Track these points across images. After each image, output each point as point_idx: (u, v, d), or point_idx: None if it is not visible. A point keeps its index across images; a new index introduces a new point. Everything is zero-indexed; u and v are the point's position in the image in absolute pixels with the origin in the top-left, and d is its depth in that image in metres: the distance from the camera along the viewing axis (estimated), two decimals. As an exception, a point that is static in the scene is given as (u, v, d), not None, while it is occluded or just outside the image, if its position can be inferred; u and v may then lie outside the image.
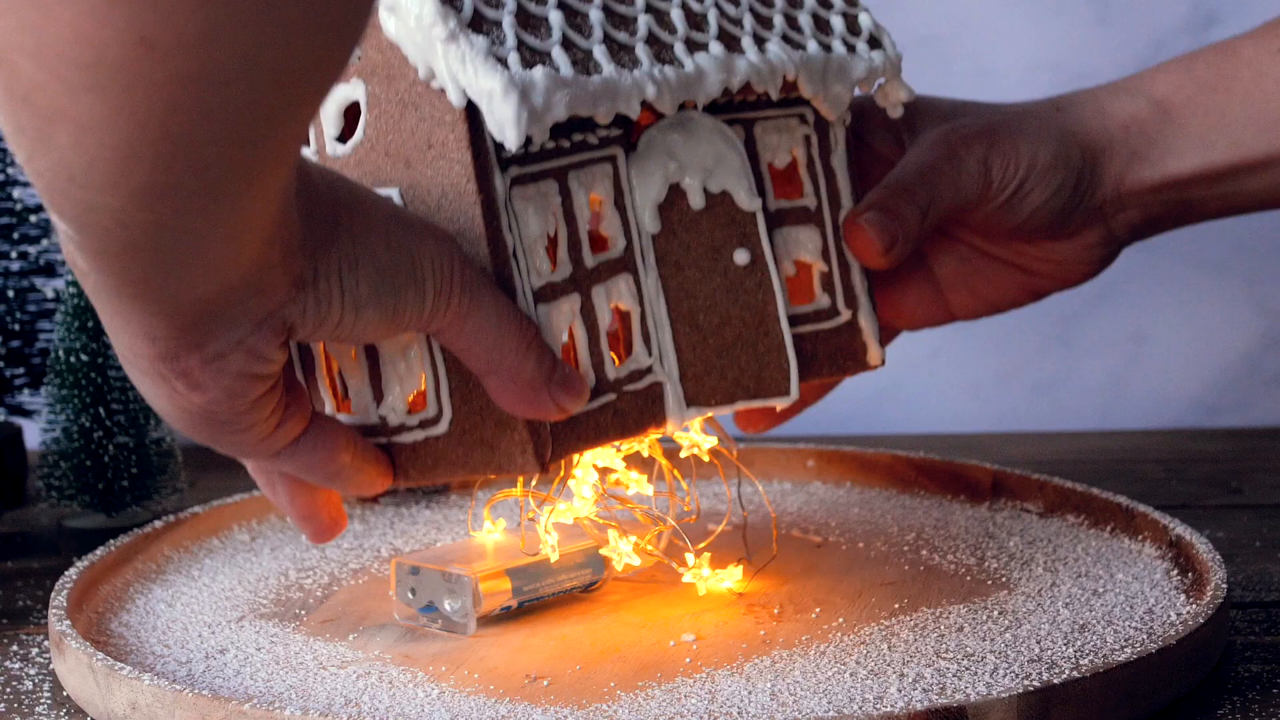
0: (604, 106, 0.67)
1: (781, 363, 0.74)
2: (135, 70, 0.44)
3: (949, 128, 0.81)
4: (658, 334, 0.71)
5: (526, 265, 0.66)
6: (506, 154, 0.66)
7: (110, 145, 0.46)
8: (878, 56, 0.78)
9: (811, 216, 0.77)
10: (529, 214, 0.67)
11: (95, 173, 0.47)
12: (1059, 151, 0.81)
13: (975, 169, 0.80)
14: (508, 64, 0.64)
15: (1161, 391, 1.28)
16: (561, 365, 0.66)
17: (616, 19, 0.69)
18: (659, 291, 0.71)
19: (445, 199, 0.66)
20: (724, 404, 0.73)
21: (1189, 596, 0.75)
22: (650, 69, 0.68)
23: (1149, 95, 0.83)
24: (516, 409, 0.65)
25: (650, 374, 0.71)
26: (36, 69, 0.44)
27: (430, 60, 0.64)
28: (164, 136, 0.46)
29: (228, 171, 0.49)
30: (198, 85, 0.45)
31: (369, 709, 0.65)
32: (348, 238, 0.60)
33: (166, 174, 0.47)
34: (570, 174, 0.69)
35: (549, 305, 0.67)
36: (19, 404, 1.05)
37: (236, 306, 0.57)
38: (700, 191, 0.72)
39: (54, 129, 0.46)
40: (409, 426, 0.68)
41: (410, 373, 0.68)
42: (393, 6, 0.65)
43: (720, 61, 0.71)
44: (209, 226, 0.51)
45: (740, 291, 0.73)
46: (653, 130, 0.71)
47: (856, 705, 0.64)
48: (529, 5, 0.67)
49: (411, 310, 0.62)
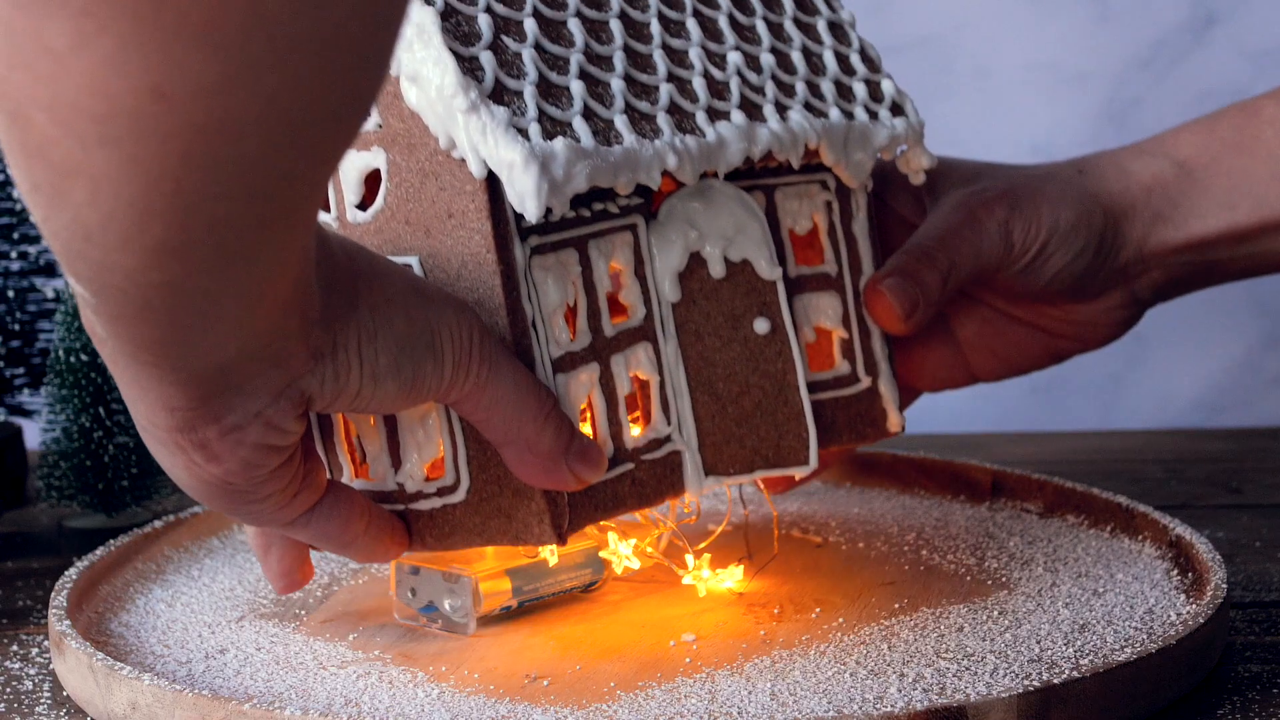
0: (625, 177, 0.66)
1: (800, 432, 0.74)
2: (148, 121, 0.44)
3: (970, 191, 0.81)
4: (677, 402, 0.71)
5: (545, 335, 0.66)
6: (526, 224, 0.66)
7: (125, 201, 0.46)
8: (900, 124, 0.78)
9: (832, 283, 0.77)
10: (548, 284, 0.67)
11: (110, 230, 0.47)
12: (1081, 214, 0.81)
13: (996, 233, 0.79)
14: (529, 135, 0.64)
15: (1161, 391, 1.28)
16: (579, 436, 0.66)
17: (638, 88, 0.69)
18: (678, 360, 0.71)
19: (465, 268, 0.65)
20: (742, 473, 0.73)
21: (1189, 596, 0.75)
22: (671, 138, 0.68)
23: (1172, 156, 0.83)
24: (534, 479, 0.65)
25: (669, 443, 0.71)
26: (51, 123, 0.44)
27: (451, 130, 0.64)
28: (177, 191, 0.46)
29: (242, 230, 0.49)
30: (210, 137, 0.45)
31: (369, 709, 0.65)
32: (367, 309, 0.60)
33: (182, 231, 0.47)
34: (590, 242, 0.68)
35: (567, 375, 0.67)
36: (19, 404, 1.05)
37: (255, 378, 0.56)
38: (721, 260, 0.72)
39: (69, 184, 0.46)
40: (426, 494, 0.68)
41: (429, 440, 0.68)
42: (414, 76, 0.64)
43: (742, 130, 0.71)
44: (224, 288, 0.51)
45: (760, 360, 0.73)
46: (674, 198, 0.71)
47: (856, 705, 0.64)
48: (550, 75, 0.67)
49: (430, 382, 0.62)
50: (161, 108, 0.43)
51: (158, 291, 0.49)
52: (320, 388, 0.59)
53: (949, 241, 0.79)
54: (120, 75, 0.43)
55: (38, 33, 0.43)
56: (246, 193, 0.47)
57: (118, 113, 0.44)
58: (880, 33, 0.80)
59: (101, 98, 0.43)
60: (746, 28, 0.76)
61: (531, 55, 0.67)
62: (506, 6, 0.68)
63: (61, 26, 0.42)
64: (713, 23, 0.75)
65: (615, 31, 0.70)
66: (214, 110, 0.44)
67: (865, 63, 0.79)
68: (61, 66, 0.43)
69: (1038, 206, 0.80)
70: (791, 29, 0.77)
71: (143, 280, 0.49)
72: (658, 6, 0.73)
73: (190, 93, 0.43)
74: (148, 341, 0.53)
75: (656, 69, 0.71)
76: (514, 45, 0.66)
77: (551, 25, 0.68)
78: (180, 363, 0.54)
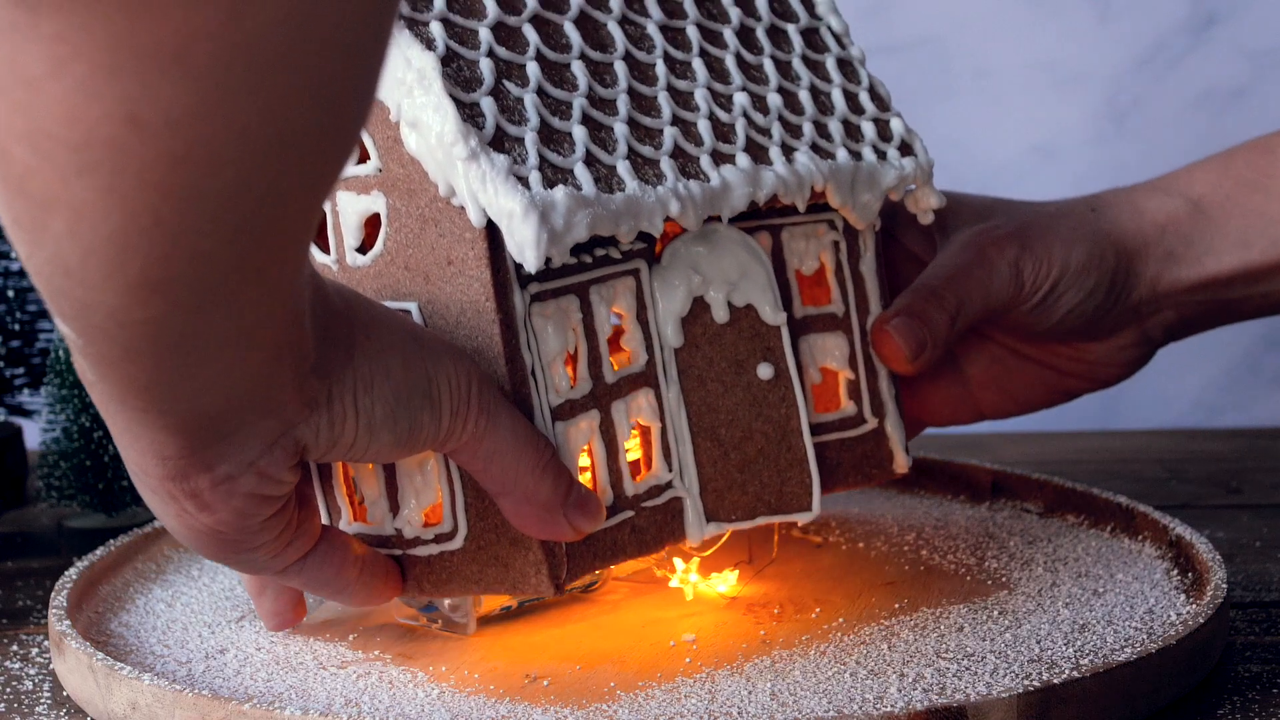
0: (626, 225, 0.66)
1: (803, 478, 0.73)
2: (124, 150, 0.43)
3: (981, 229, 0.80)
4: (678, 448, 0.71)
5: (545, 383, 0.66)
6: (526, 271, 0.65)
7: (104, 234, 0.45)
8: (909, 164, 0.77)
9: (839, 323, 0.77)
10: (548, 331, 0.66)
11: (90, 265, 0.46)
12: (1092, 253, 0.80)
13: (1007, 272, 0.79)
14: (529, 183, 0.63)
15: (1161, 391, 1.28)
16: (577, 487, 0.65)
17: (642, 131, 0.69)
18: (680, 405, 0.71)
19: (464, 316, 0.65)
20: (744, 519, 0.72)
21: (1189, 596, 0.75)
22: (674, 184, 0.68)
23: (1185, 194, 0.82)
24: (531, 530, 0.65)
25: (670, 489, 0.70)
26: (29, 153, 0.44)
27: (451, 178, 0.64)
28: (157, 224, 0.45)
29: (224, 266, 0.48)
30: (187, 167, 0.44)
31: (369, 709, 0.65)
32: (364, 359, 0.59)
33: (162, 266, 0.46)
34: (592, 288, 0.68)
35: (567, 423, 0.67)
36: (19, 404, 1.05)
37: (247, 427, 0.56)
38: (724, 305, 0.72)
39: (48, 217, 0.45)
40: (424, 540, 0.68)
41: (427, 486, 0.68)
42: (414, 122, 0.64)
43: (747, 175, 0.70)
44: (208, 328, 0.50)
45: (763, 406, 0.73)
46: (677, 242, 0.71)
47: (856, 705, 0.64)
48: (552, 120, 0.66)
49: (427, 432, 0.62)
50: (137, 136, 0.43)
51: (141, 330, 0.49)
52: (315, 438, 0.59)
53: (958, 281, 0.78)
54: (95, 102, 0.42)
55: (12, 59, 0.42)
56: (226, 227, 0.47)
57: (94, 141, 0.43)
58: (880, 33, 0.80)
59: (77, 125, 0.43)
60: (754, 66, 0.75)
61: (533, 100, 0.66)
62: (509, 50, 0.67)
63: (36, 52, 0.42)
64: (719, 62, 0.74)
65: (619, 74, 0.70)
66: (190, 139, 0.44)
67: (874, 101, 0.78)
68: (37, 94, 0.43)
69: (1049, 245, 0.79)
70: (800, 67, 0.77)
71: (125, 319, 0.48)
72: (663, 47, 0.72)
73: (165, 121, 0.43)
74: (135, 385, 0.52)
75: (661, 112, 0.70)
76: (516, 90, 0.66)
77: (554, 68, 0.68)
78: (169, 408, 0.53)
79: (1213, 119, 1.29)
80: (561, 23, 0.69)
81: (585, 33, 0.70)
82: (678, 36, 0.73)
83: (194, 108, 0.43)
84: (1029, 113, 1.29)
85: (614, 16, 0.71)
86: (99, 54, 0.42)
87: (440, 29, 0.65)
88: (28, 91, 0.43)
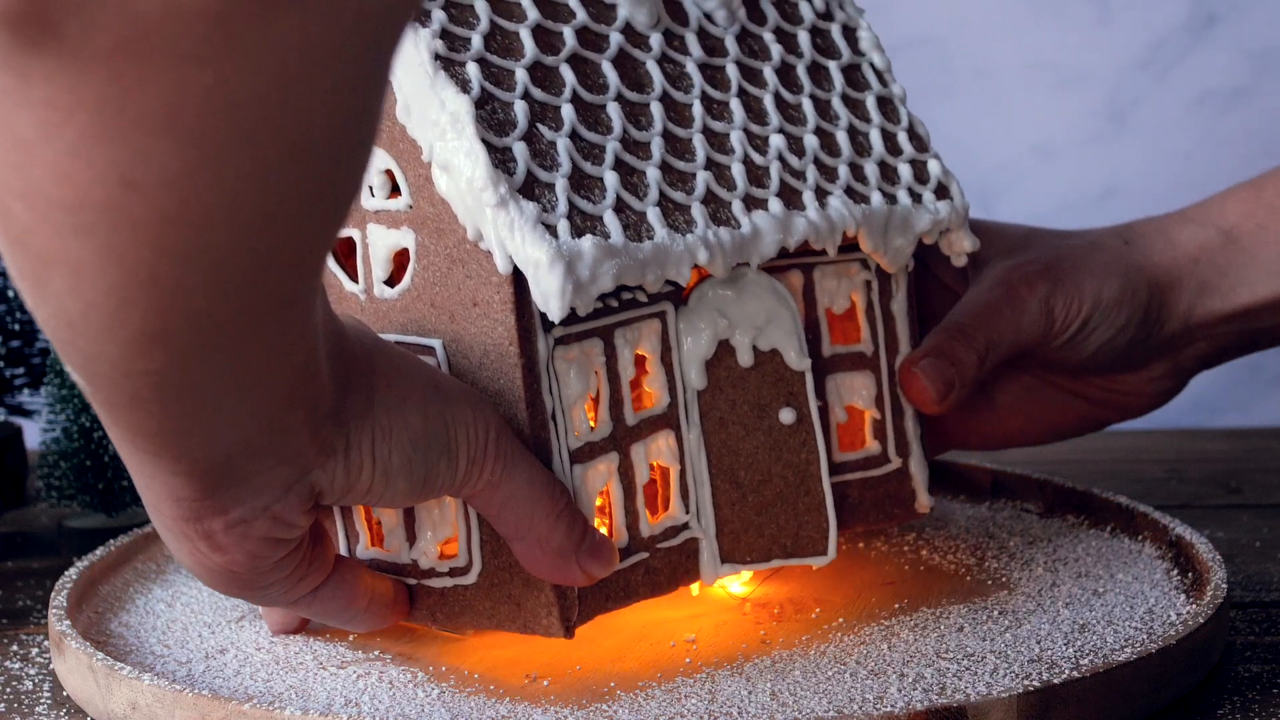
0: (653, 274, 0.66)
1: (820, 522, 0.73)
2: (118, 211, 0.43)
3: (1012, 265, 0.80)
4: (697, 490, 0.71)
5: (565, 426, 0.66)
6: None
7: (103, 290, 0.45)
8: (944, 207, 0.76)
9: (867, 362, 0.76)
10: (571, 375, 0.66)
11: (91, 319, 0.46)
12: (1125, 287, 0.80)
13: (1037, 310, 0.79)
14: (557, 232, 0.63)
15: (1161, 391, 1.27)
16: (591, 533, 0.65)
17: (674, 175, 0.69)
18: (700, 447, 0.70)
19: (487, 358, 0.65)
20: (759, 561, 0.72)
21: (1189, 596, 0.75)
22: (704, 232, 0.68)
23: (1218, 224, 0.82)
24: (543, 574, 0.65)
25: (686, 530, 0.70)
26: (26, 211, 0.44)
27: (479, 223, 0.64)
28: (154, 281, 0.45)
29: (223, 321, 0.48)
30: (180, 227, 0.44)
31: (369, 709, 0.65)
32: (384, 409, 0.59)
33: (161, 320, 0.47)
34: (617, 331, 0.68)
35: (585, 466, 0.66)
36: (19, 404, 1.05)
37: (262, 473, 0.56)
38: (749, 349, 0.71)
39: (49, 273, 0.46)
40: (439, 572, 0.68)
41: (444, 520, 0.68)
42: (445, 165, 0.64)
43: (778, 221, 0.70)
44: (212, 379, 0.50)
45: (784, 450, 0.72)
46: (705, 285, 0.70)
47: (856, 705, 0.64)
48: (584, 165, 0.66)
49: (443, 480, 0.62)
50: (131, 197, 0.43)
51: (144, 380, 0.49)
52: (330, 483, 0.59)
53: (987, 319, 0.78)
54: (87, 165, 0.43)
55: (7, 122, 0.43)
56: (222, 284, 0.47)
57: (88, 202, 0.43)
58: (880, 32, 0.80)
59: (71, 187, 0.43)
60: (792, 106, 0.74)
61: (566, 145, 0.66)
62: (544, 91, 0.67)
63: (28, 117, 0.42)
64: (757, 102, 0.73)
65: (655, 115, 0.69)
66: (182, 199, 0.44)
67: (913, 141, 0.77)
68: (31, 156, 0.43)
69: (1080, 281, 0.79)
70: (839, 106, 0.76)
71: (128, 369, 0.48)
72: (701, 86, 0.72)
73: (157, 182, 0.43)
74: (144, 432, 0.52)
75: (695, 155, 0.70)
76: (549, 134, 0.66)
77: (589, 110, 0.68)
78: (179, 453, 0.53)
79: (1213, 119, 1.29)
80: (600, 62, 0.69)
81: (623, 72, 0.70)
82: (716, 75, 0.73)
83: (185, 169, 0.43)
84: (1029, 113, 1.29)
85: (653, 55, 0.71)
86: (89, 118, 0.42)
87: (476, 70, 0.65)
88: (21, 153, 0.43)
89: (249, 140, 0.44)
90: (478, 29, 0.66)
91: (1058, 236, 0.83)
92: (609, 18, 0.71)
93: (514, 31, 0.67)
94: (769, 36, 0.75)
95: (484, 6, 0.67)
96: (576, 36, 0.69)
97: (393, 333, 0.68)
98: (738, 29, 0.74)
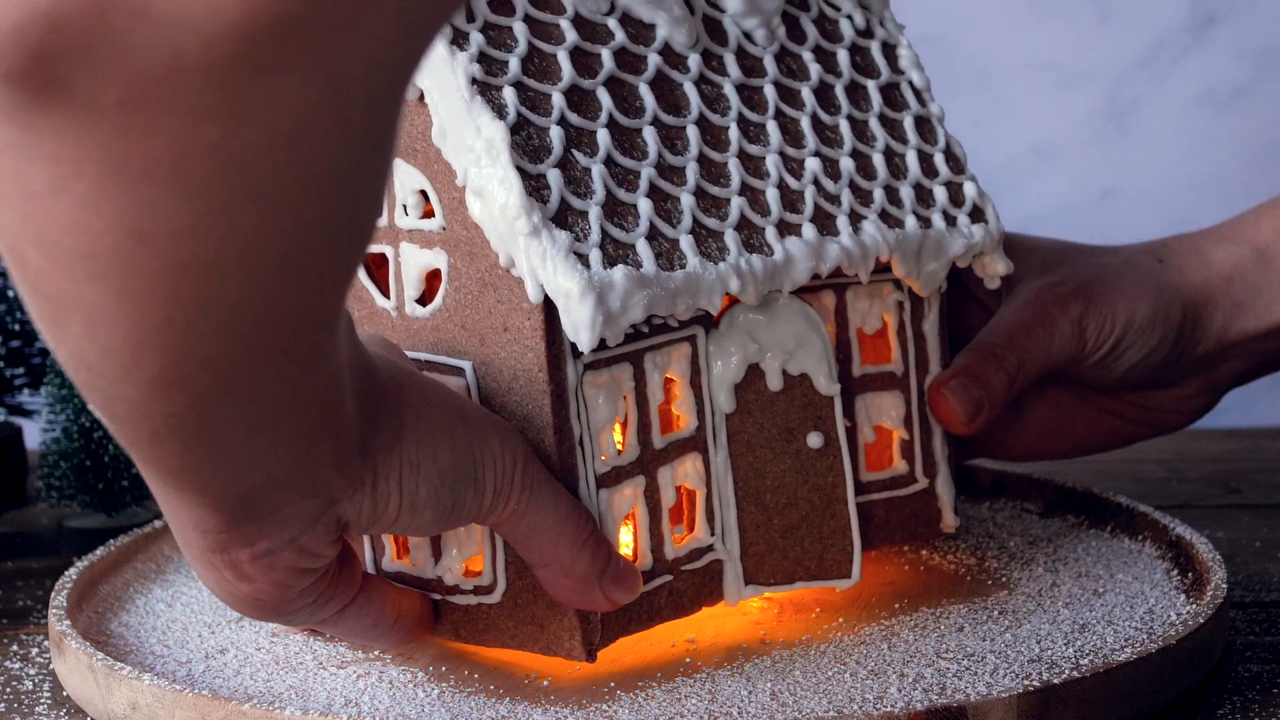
0: (684, 304, 0.65)
1: (845, 545, 0.73)
2: (130, 260, 0.44)
3: (1044, 284, 0.80)
4: (722, 512, 0.70)
5: (592, 451, 0.66)
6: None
7: (119, 335, 0.46)
8: (978, 231, 0.76)
9: (897, 382, 0.76)
10: (599, 401, 0.66)
11: (109, 363, 0.47)
12: (1158, 307, 0.80)
13: (1069, 331, 0.78)
14: (589, 262, 0.63)
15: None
16: (615, 560, 0.65)
17: (709, 201, 0.68)
18: (727, 469, 0.70)
19: (516, 382, 0.65)
20: (783, 583, 0.72)
21: (1189, 596, 0.75)
22: (737, 259, 0.67)
23: (1251, 243, 0.82)
24: (566, 600, 0.65)
25: (710, 552, 0.70)
26: (41, 258, 0.44)
27: (512, 250, 0.63)
28: (168, 326, 0.46)
29: (240, 365, 0.48)
30: (193, 276, 0.44)
31: (369, 709, 0.65)
32: (413, 442, 0.59)
33: (176, 366, 0.47)
34: (647, 355, 0.67)
35: (611, 490, 0.66)
36: (19, 404, 1.05)
37: (288, 507, 0.56)
38: (779, 373, 0.71)
39: (65, 317, 0.46)
40: (464, 590, 0.68)
41: (469, 539, 0.67)
42: (480, 191, 0.64)
43: (811, 247, 0.70)
44: (233, 420, 0.50)
45: (810, 474, 0.72)
46: (736, 310, 0.70)
47: (856, 705, 0.64)
48: (619, 192, 0.66)
49: (469, 510, 0.62)
50: (141, 248, 0.43)
51: (165, 422, 0.49)
52: (358, 515, 0.59)
53: (1018, 340, 0.78)
54: (97, 216, 0.43)
55: (18, 174, 0.43)
56: (238, 330, 0.47)
57: (100, 251, 0.44)
58: (880, 33, 0.80)
59: (83, 236, 0.43)
60: (829, 128, 0.74)
61: (601, 171, 0.66)
62: (580, 116, 0.66)
63: (38, 170, 0.43)
64: (794, 124, 0.73)
65: (691, 139, 0.69)
66: (194, 250, 0.44)
67: (950, 162, 0.77)
68: (42, 207, 0.43)
69: (1113, 302, 0.79)
70: (876, 127, 0.75)
71: (148, 410, 0.48)
72: (738, 108, 0.71)
73: (166, 233, 0.43)
74: (168, 468, 0.52)
75: (730, 179, 0.69)
76: (584, 160, 0.65)
77: (625, 134, 0.67)
78: (203, 488, 0.54)
79: (1213, 119, 1.29)
80: (637, 84, 0.69)
81: (660, 94, 0.69)
82: (754, 96, 0.72)
83: (194, 221, 0.43)
84: (1029, 113, 1.29)
85: (691, 76, 0.70)
86: (96, 171, 0.42)
87: (513, 95, 0.65)
88: (33, 204, 0.43)
89: (257, 193, 0.44)
90: (515, 52, 0.66)
91: (1091, 254, 0.83)
92: (647, 38, 0.70)
93: (551, 54, 0.67)
94: (808, 55, 0.75)
95: (522, 28, 0.67)
96: (614, 58, 0.68)
97: (423, 351, 0.68)
98: (777, 48, 0.74)
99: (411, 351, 0.68)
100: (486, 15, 0.66)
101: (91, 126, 0.42)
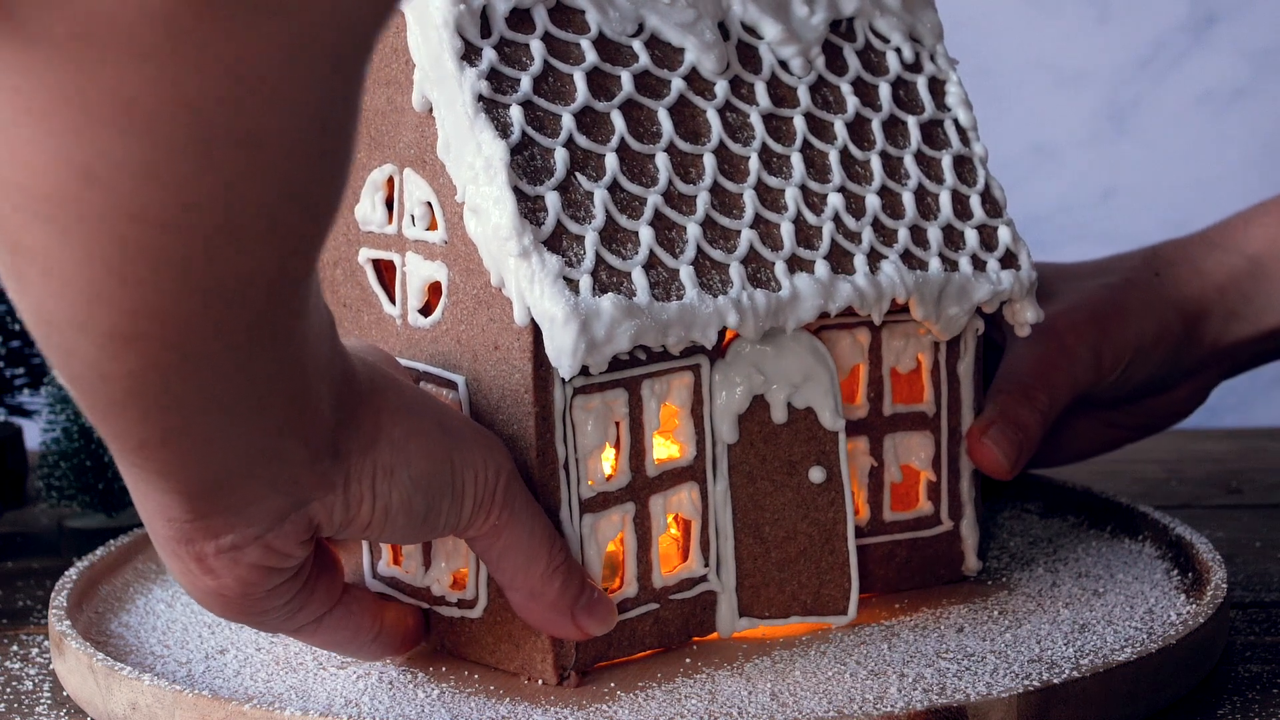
0: (676, 336, 0.65)
1: (843, 582, 0.72)
2: (81, 201, 0.44)
3: (1056, 313, 0.80)
4: (719, 542, 0.70)
5: (578, 475, 0.65)
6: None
7: (74, 286, 0.45)
8: (1007, 277, 0.73)
9: (928, 422, 0.75)
10: (588, 425, 0.65)
11: (64, 315, 0.46)
12: (1161, 326, 0.81)
13: (1089, 359, 0.79)
14: (578, 288, 0.63)
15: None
16: (589, 590, 0.65)
17: (716, 232, 0.67)
18: (726, 500, 0.69)
19: (503, 402, 0.65)
20: (778, 617, 0.71)
21: (1189, 596, 0.75)
22: (738, 294, 0.66)
23: (1243, 251, 0.83)
24: (538, 625, 0.65)
25: (703, 583, 0.70)
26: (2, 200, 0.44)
27: (502, 271, 0.63)
28: (121, 280, 0.45)
29: (192, 329, 0.47)
30: (143, 225, 0.44)
31: (369, 709, 0.65)
32: (388, 445, 0.59)
33: (131, 322, 0.46)
34: (644, 382, 0.67)
35: (597, 515, 0.66)
36: (19, 404, 1.05)
37: (255, 502, 0.56)
38: (784, 406, 0.70)
39: (23, 264, 0.46)
40: (449, 602, 0.68)
41: (456, 553, 0.67)
42: (476, 209, 0.64)
43: (821, 285, 0.68)
44: (189, 389, 0.49)
45: (811, 508, 0.71)
46: (742, 341, 0.69)
47: (856, 705, 0.64)
48: (620, 218, 0.65)
49: (447, 520, 0.61)
50: (92, 189, 0.43)
51: (120, 385, 0.48)
52: (329, 517, 0.58)
53: (1045, 375, 0.78)
54: (49, 153, 0.43)
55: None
56: (190, 290, 0.46)
57: (52, 192, 0.43)
58: (880, 33, 0.80)
59: (36, 174, 0.43)
60: (859, 163, 0.72)
61: (603, 196, 0.65)
62: (590, 138, 0.66)
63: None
64: (821, 157, 0.71)
65: (707, 167, 0.68)
66: (143, 198, 0.44)
67: (986, 204, 0.74)
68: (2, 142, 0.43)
69: (1124, 325, 0.80)
70: (910, 164, 0.73)
71: (104, 371, 0.48)
72: (763, 138, 0.70)
73: (114, 176, 0.43)
74: (129, 442, 0.52)
75: (743, 211, 0.68)
76: (587, 184, 0.65)
77: (635, 159, 0.66)
78: (166, 470, 0.53)
79: (1213, 119, 1.29)
80: (656, 109, 0.68)
81: (679, 120, 0.68)
82: (781, 126, 0.71)
83: (142, 166, 0.43)
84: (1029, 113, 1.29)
85: (716, 103, 0.69)
86: (50, 106, 0.42)
87: (519, 113, 0.64)
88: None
89: (205, 143, 0.43)
90: (529, 70, 0.65)
91: (1088, 275, 0.83)
92: (674, 62, 0.69)
93: (568, 74, 0.66)
94: (846, 88, 0.73)
95: (539, 46, 0.66)
96: (634, 81, 0.67)
97: (422, 361, 0.68)
98: (814, 78, 0.72)
99: (411, 361, 0.68)
100: (503, 31, 0.66)
101: (46, 58, 0.42)
